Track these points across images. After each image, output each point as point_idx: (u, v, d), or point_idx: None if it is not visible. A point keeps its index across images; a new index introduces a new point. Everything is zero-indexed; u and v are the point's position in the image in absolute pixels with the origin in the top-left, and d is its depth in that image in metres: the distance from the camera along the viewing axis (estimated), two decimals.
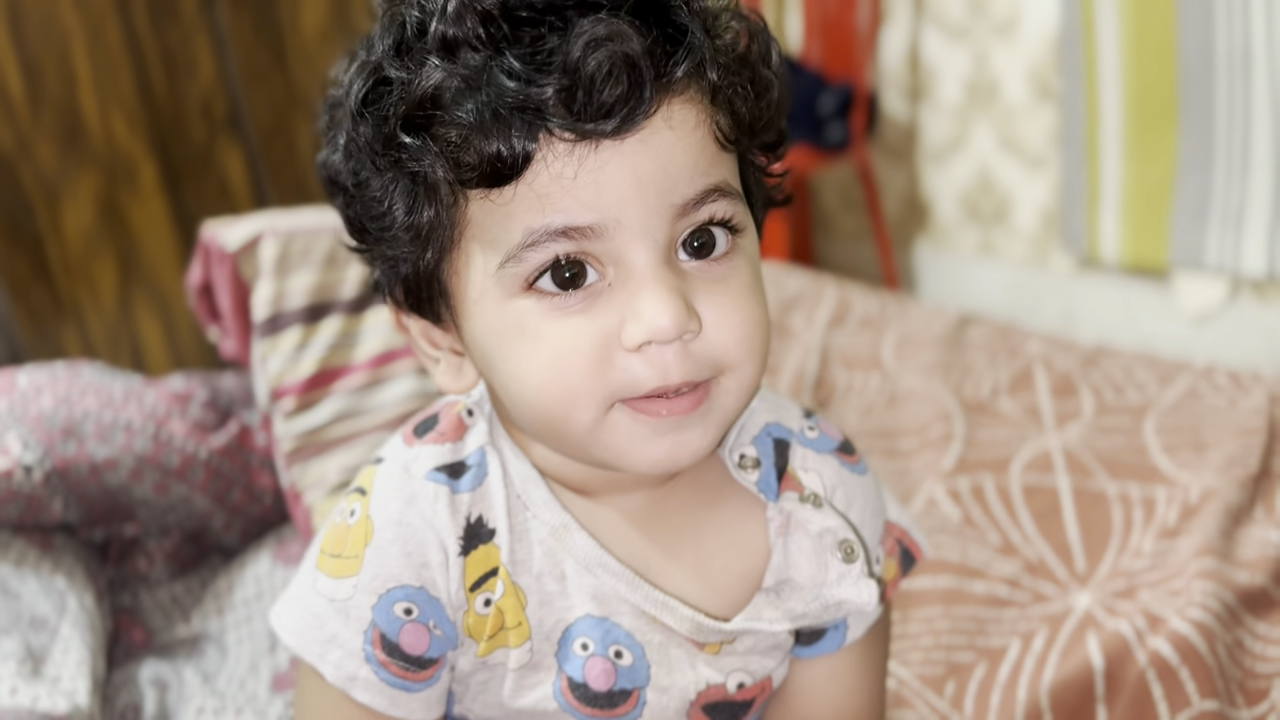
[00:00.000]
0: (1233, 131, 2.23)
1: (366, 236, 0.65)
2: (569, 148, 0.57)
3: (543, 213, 0.57)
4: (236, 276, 1.29)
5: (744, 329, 0.61)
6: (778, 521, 0.70)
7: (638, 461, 0.61)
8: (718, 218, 0.61)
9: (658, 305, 0.57)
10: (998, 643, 1.07)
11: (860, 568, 0.70)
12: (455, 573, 0.65)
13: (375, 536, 0.65)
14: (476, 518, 0.66)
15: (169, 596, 1.22)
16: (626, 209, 0.57)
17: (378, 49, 0.61)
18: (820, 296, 1.82)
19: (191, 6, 2.52)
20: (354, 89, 0.61)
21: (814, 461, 0.72)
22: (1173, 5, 2.22)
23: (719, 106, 0.60)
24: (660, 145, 0.58)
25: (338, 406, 1.22)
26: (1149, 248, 2.43)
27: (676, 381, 0.59)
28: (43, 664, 1.03)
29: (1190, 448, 1.31)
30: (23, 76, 2.34)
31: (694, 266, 0.61)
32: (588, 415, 0.60)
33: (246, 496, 1.25)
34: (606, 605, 0.67)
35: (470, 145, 0.56)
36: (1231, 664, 1.00)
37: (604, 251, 0.58)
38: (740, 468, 0.70)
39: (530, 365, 0.60)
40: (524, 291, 0.59)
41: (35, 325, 2.46)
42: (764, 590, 0.69)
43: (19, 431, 1.14)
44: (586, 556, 0.67)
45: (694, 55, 0.58)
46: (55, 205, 2.43)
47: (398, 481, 0.67)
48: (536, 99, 0.55)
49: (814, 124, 2.69)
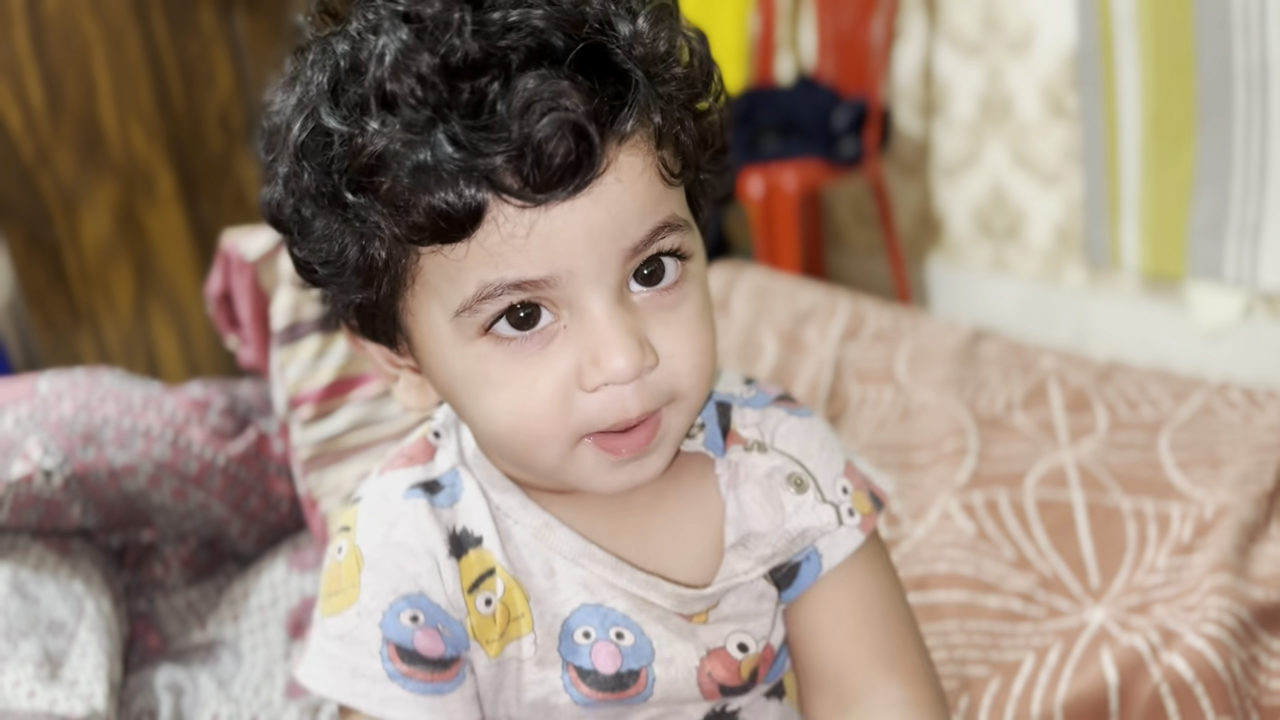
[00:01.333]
0: (1250, 145, 2.23)
1: (316, 277, 0.64)
2: (519, 210, 0.57)
3: (495, 268, 0.58)
4: (256, 285, 1.30)
5: (696, 358, 0.63)
6: (725, 476, 0.72)
7: (603, 488, 0.64)
8: (666, 249, 0.62)
9: (613, 348, 0.59)
10: (1012, 657, 1.07)
11: (813, 495, 0.71)
12: (449, 575, 0.66)
13: (365, 560, 0.66)
14: (461, 529, 0.68)
15: (185, 602, 1.23)
16: (578, 260, 0.58)
17: (312, 87, 0.59)
18: (834, 310, 1.82)
19: (210, 18, 2.55)
20: (293, 130, 0.60)
21: (753, 416, 0.74)
22: (1191, 19, 2.23)
23: (664, 145, 0.60)
24: (609, 198, 0.58)
25: (355, 415, 1.23)
26: (1167, 261, 2.43)
27: (636, 415, 0.61)
28: (60, 668, 1.04)
29: (1205, 464, 1.31)
30: (43, 87, 2.36)
31: (645, 296, 0.62)
32: (554, 453, 0.62)
33: (263, 504, 1.26)
34: (597, 593, 0.68)
35: (418, 207, 0.56)
36: (1247, 680, 1.00)
37: (558, 297, 0.59)
38: (689, 436, 0.72)
39: (495, 410, 0.62)
40: (480, 336, 0.60)
41: (52, 333, 2.47)
42: (730, 548, 0.71)
43: (39, 437, 1.15)
44: (572, 549, 0.68)
45: (639, 105, 0.58)
46: (73, 214, 2.45)
47: (378, 510, 0.68)
48: (484, 168, 0.55)
49: (827, 139, 2.70)
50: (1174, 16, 2.25)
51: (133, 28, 2.45)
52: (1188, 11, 2.23)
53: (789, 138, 2.73)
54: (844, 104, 2.71)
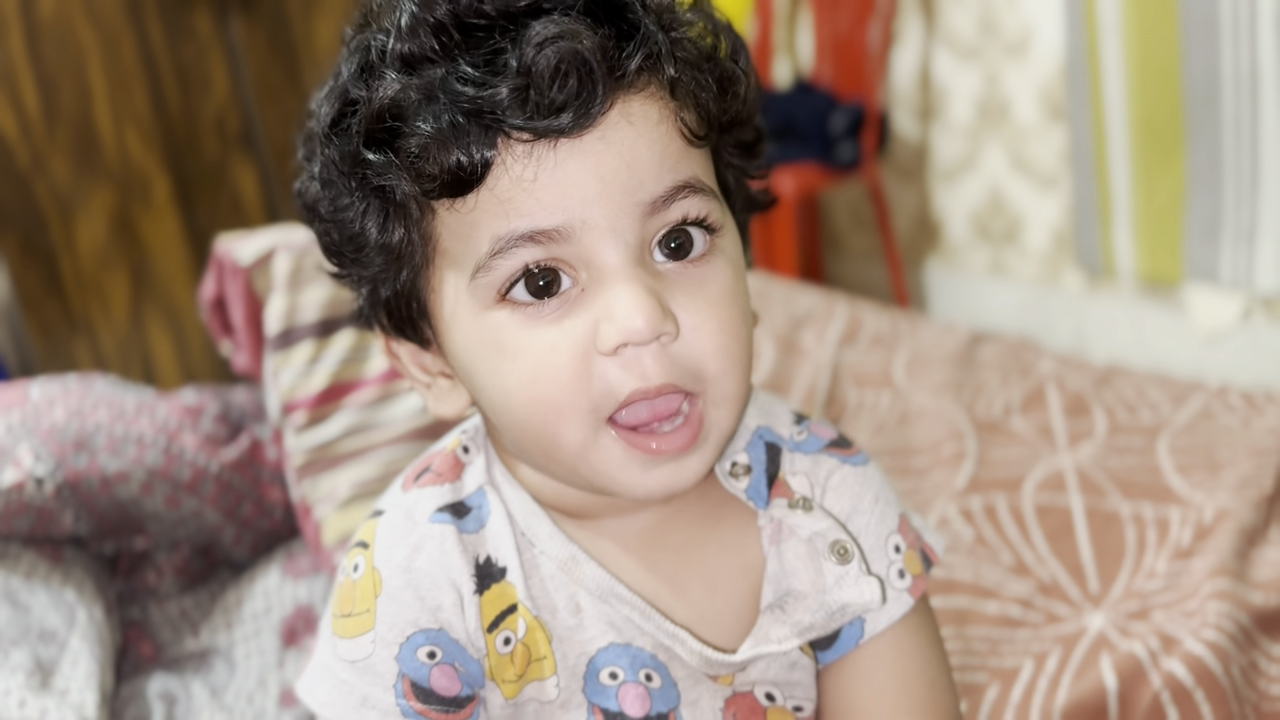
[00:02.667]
0: (1241, 151, 2.23)
1: (343, 260, 0.65)
2: (527, 149, 0.56)
3: (507, 218, 0.57)
4: (250, 290, 1.29)
5: (722, 337, 0.60)
6: (769, 529, 0.68)
7: (633, 489, 0.60)
8: (692, 216, 0.59)
9: (630, 305, 0.56)
10: (1011, 663, 1.06)
11: (857, 567, 0.67)
12: (471, 613, 0.64)
13: (384, 586, 0.64)
14: (485, 558, 0.65)
15: (178, 610, 1.22)
16: (592, 208, 0.57)
17: (344, 74, 0.61)
18: (831, 314, 1.81)
19: (206, 23, 2.54)
20: (323, 114, 0.62)
21: (802, 463, 0.69)
22: (1176, 28, 2.23)
23: (682, 101, 0.59)
24: (621, 142, 0.57)
25: (349, 421, 1.22)
26: (1163, 265, 2.43)
27: (656, 384, 0.58)
28: (51, 676, 1.03)
29: (1204, 468, 1.30)
30: (39, 93, 2.36)
31: (671, 268, 0.60)
32: (576, 433, 0.59)
33: (257, 510, 1.25)
34: (625, 632, 0.65)
35: (430, 155, 0.56)
36: (1246, 686, 0.99)
37: (574, 255, 0.57)
38: (732, 475, 0.68)
39: (511, 380, 0.59)
40: (498, 303, 0.59)
41: (48, 339, 2.47)
42: (767, 609, 0.67)
43: (31, 444, 1.14)
44: (599, 586, 0.65)
45: (648, 49, 0.57)
46: (69, 220, 2.44)
47: (402, 529, 0.65)
48: (490, 100, 0.55)
49: (825, 143, 2.69)
50: (1159, 24, 2.25)
51: (128, 33, 2.45)
52: (1173, 19, 2.23)
53: (786, 142, 2.72)
54: (841, 108, 2.71)
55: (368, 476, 1.19)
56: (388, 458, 1.20)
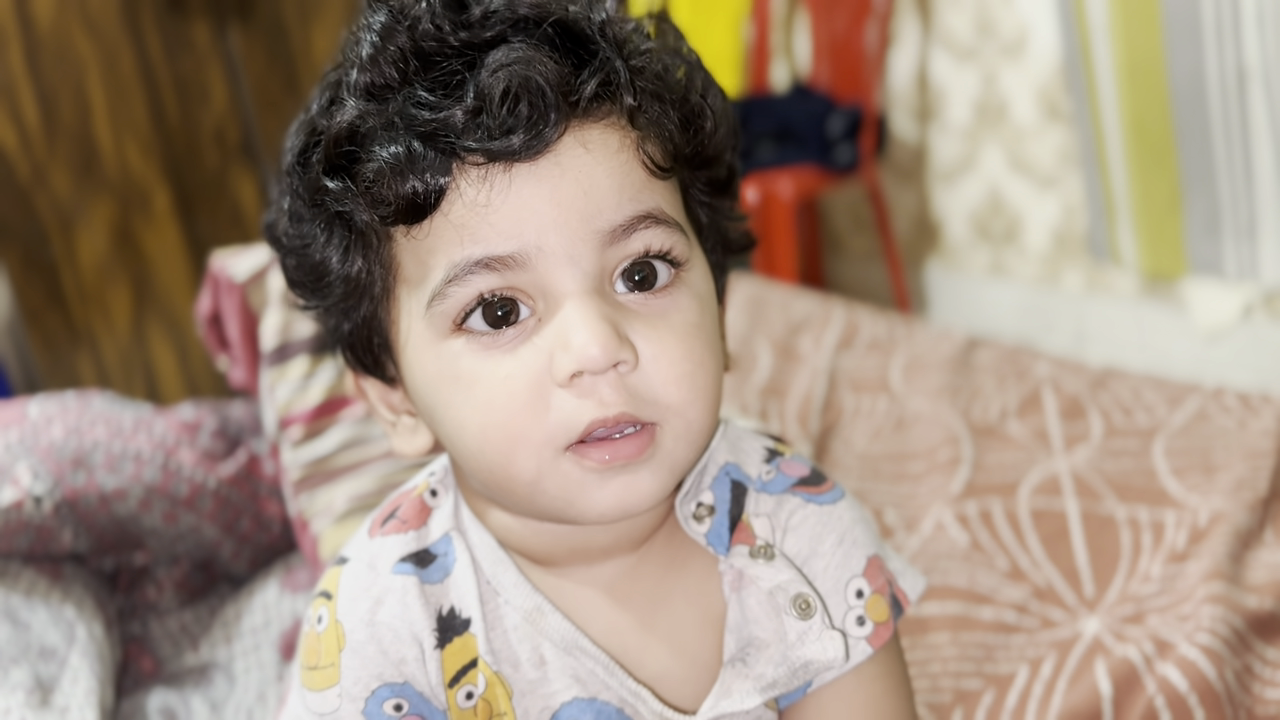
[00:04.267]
0: (1232, 149, 2.23)
1: (306, 291, 0.65)
2: (481, 173, 0.56)
3: (462, 245, 0.56)
4: (245, 306, 1.30)
5: (684, 366, 0.58)
6: (730, 576, 0.66)
7: (586, 509, 0.58)
8: (655, 249, 0.59)
9: (584, 332, 0.55)
10: (1006, 669, 1.07)
11: (820, 621, 0.65)
12: (433, 667, 0.63)
13: (348, 640, 0.63)
14: (449, 610, 0.64)
15: (178, 625, 1.23)
16: (547, 235, 0.56)
17: (313, 109, 0.62)
18: (828, 319, 1.82)
19: (204, 35, 2.55)
20: (291, 147, 0.62)
21: (766, 504, 0.67)
22: (1159, 31, 2.24)
23: (644, 131, 0.59)
24: (578, 168, 0.57)
25: (345, 435, 1.23)
26: (1166, 261, 2.43)
27: (614, 414, 0.56)
28: (51, 694, 1.03)
29: (1199, 470, 1.30)
30: (38, 106, 2.37)
31: (632, 299, 0.59)
32: (530, 463, 0.57)
33: (255, 525, 1.26)
34: (590, 686, 0.64)
35: (385, 180, 0.56)
36: (1241, 690, 0.99)
37: (531, 283, 0.57)
38: (695, 518, 0.66)
39: (466, 411, 0.58)
40: (454, 332, 0.58)
41: (50, 352, 2.48)
42: (730, 661, 0.65)
43: (29, 462, 1.15)
44: (563, 639, 0.64)
45: (604, 76, 0.57)
46: (70, 233, 2.45)
47: (364, 580, 0.65)
48: (444, 123, 0.55)
49: (823, 145, 2.69)
50: (1142, 27, 2.26)
51: (127, 46, 2.46)
52: (1156, 22, 2.23)
53: (784, 145, 2.73)
54: (839, 110, 2.71)
55: (364, 490, 1.19)
56: (384, 471, 1.20)
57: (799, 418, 1.55)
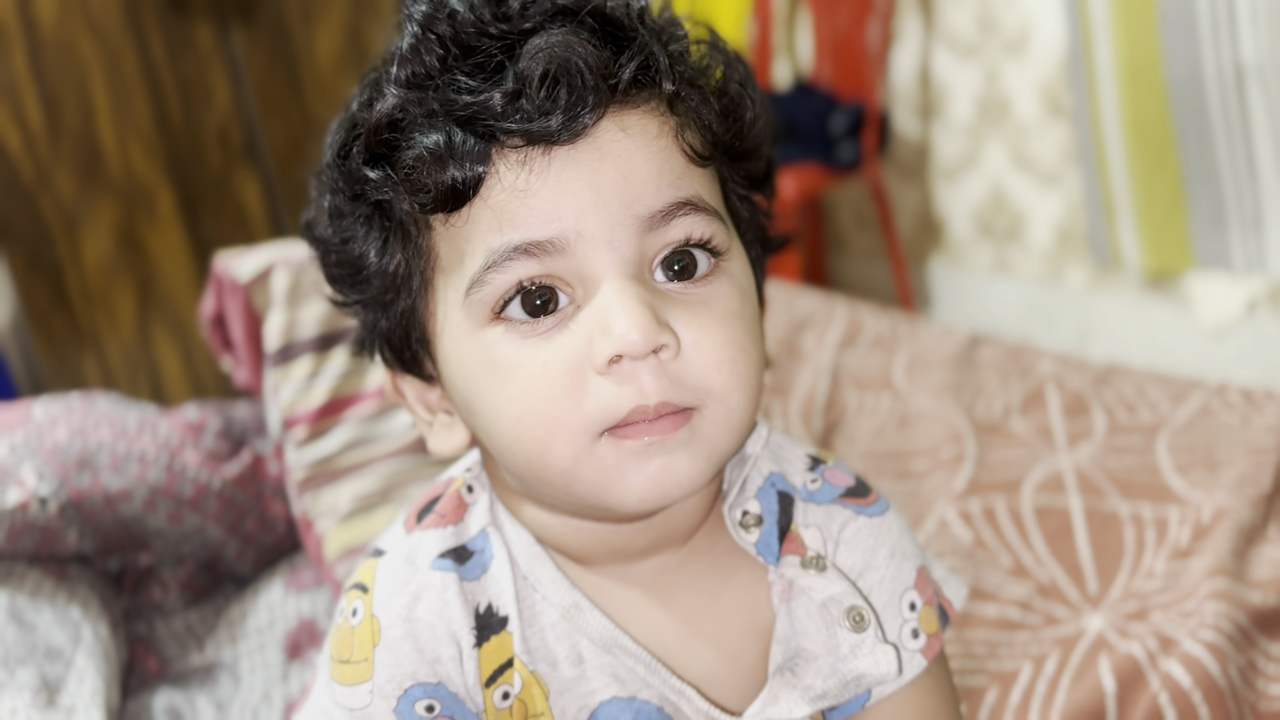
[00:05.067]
0: (1234, 148, 2.23)
1: (344, 286, 0.65)
2: (520, 156, 0.56)
3: (501, 230, 0.56)
4: (249, 307, 1.30)
5: (726, 351, 0.57)
6: (779, 586, 0.65)
7: (624, 495, 0.57)
8: (695, 237, 0.58)
9: (624, 316, 0.54)
10: (1010, 666, 1.07)
11: (873, 634, 0.64)
12: (470, 667, 0.62)
13: (383, 635, 0.62)
14: (486, 606, 0.63)
15: (183, 625, 1.23)
16: (586, 219, 0.56)
17: (353, 107, 0.62)
18: (831, 317, 1.82)
19: (207, 36, 2.55)
20: (331, 144, 0.63)
21: (816, 515, 0.67)
22: (1156, 28, 2.24)
23: (683, 118, 0.59)
24: (618, 152, 0.56)
25: (349, 435, 1.23)
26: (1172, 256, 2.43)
27: (655, 400, 0.55)
28: (57, 694, 1.04)
29: (1203, 467, 1.30)
30: (42, 108, 2.37)
31: (673, 288, 0.58)
32: (567, 449, 0.56)
33: (259, 525, 1.26)
34: (629, 684, 0.63)
35: (425, 166, 0.56)
36: (1244, 686, 0.99)
37: (569, 269, 0.56)
38: (742, 525, 0.66)
39: (503, 399, 0.57)
40: (492, 320, 0.58)
41: (55, 354, 2.48)
42: (777, 670, 0.65)
43: (34, 464, 1.15)
44: (603, 637, 0.63)
45: (643, 61, 0.57)
46: (74, 234, 2.46)
47: (402, 575, 0.64)
48: (483, 106, 0.55)
49: (826, 144, 2.69)
50: (1140, 24, 2.26)
51: (129, 47, 2.46)
52: (1152, 19, 2.23)
53: (787, 143, 2.72)
54: (841, 108, 2.71)
55: (368, 490, 1.20)
56: (387, 471, 1.21)
57: (802, 416, 1.55)
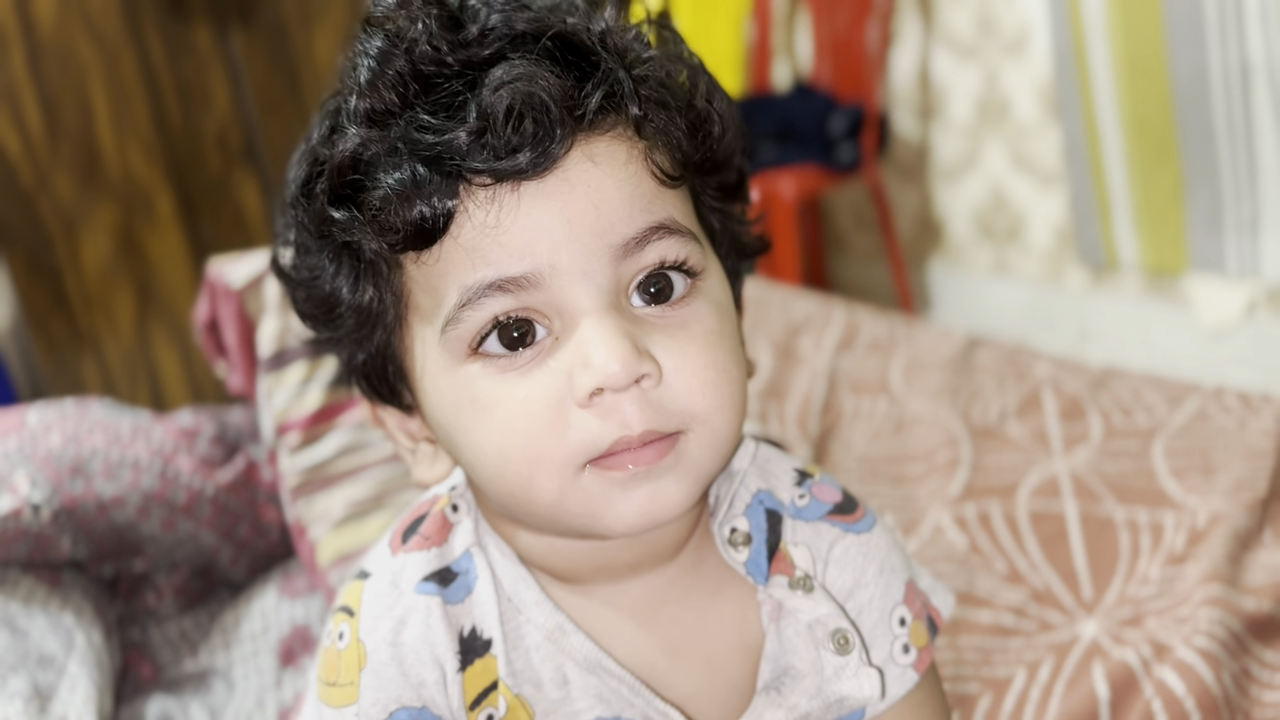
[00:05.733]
0: (1236, 145, 2.23)
1: (317, 324, 0.64)
2: (489, 194, 0.55)
3: (473, 268, 0.55)
4: (242, 313, 1.30)
5: (709, 373, 0.57)
6: (769, 606, 0.66)
7: (612, 522, 0.57)
8: (670, 259, 0.58)
9: (603, 349, 0.54)
10: (1003, 673, 1.06)
11: (857, 658, 0.65)
12: (455, 691, 0.62)
13: (369, 660, 0.62)
14: (470, 630, 0.63)
15: (177, 631, 1.23)
16: (560, 253, 0.55)
17: (314, 138, 0.61)
18: (828, 319, 1.81)
19: (206, 38, 2.56)
20: (294, 178, 0.62)
21: (804, 533, 0.67)
22: (1161, 29, 2.23)
23: (651, 140, 0.58)
24: (588, 183, 0.56)
25: (342, 441, 1.23)
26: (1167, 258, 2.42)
27: (639, 431, 0.55)
28: (49, 702, 1.04)
29: (1199, 471, 1.30)
30: (41, 111, 2.37)
31: (650, 312, 0.58)
32: (551, 483, 0.56)
33: (253, 531, 1.26)
34: (613, 705, 0.63)
35: (392, 206, 0.55)
36: (1238, 693, 0.99)
37: (546, 303, 0.56)
38: (730, 543, 0.66)
39: (485, 435, 0.57)
40: (470, 356, 0.57)
41: (54, 356, 2.48)
42: (764, 689, 0.65)
43: (27, 470, 1.15)
44: (587, 659, 0.63)
45: (609, 88, 0.56)
46: (73, 237, 2.46)
47: (387, 599, 0.63)
48: (449, 145, 0.54)
49: (825, 145, 2.69)
50: (1144, 23, 2.25)
51: (128, 50, 2.46)
52: (1157, 18, 2.23)
53: (786, 144, 2.72)
54: (841, 109, 2.71)
55: (361, 496, 1.20)
56: (381, 477, 1.21)
57: (798, 420, 1.54)
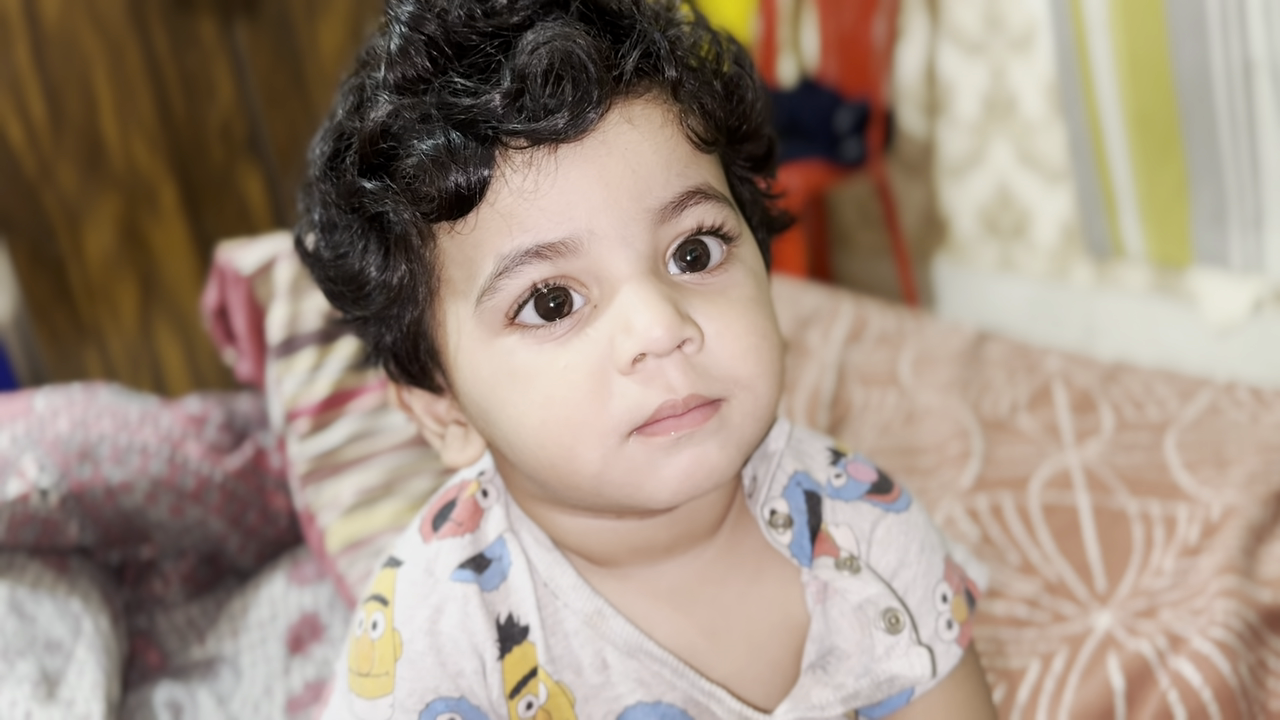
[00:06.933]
0: (1239, 143, 2.22)
1: (345, 304, 0.63)
2: (526, 158, 0.54)
3: (510, 234, 0.54)
4: (252, 299, 1.29)
5: (751, 339, 0.56)
6: (814, 587, 0.65)
7: (656, 489, 0.56)
8: (706, 224, 0.57)
9: (646, 313, 0.53)
10: (1017, 664, 1.06)
11: (908, 636, 0.64)
12: (494, 680, 0.61)
13: (405, 649, 0.61)
14: (507, 616, 0.62)
15: (185, 619, 1.22)
16: (598, 217, 0.54)
17: (339, 114, 0.60)
18: (837, 313, 1.81)
19: (211, 30, 2.55)
20: (319, 155, 0.60)
21: (845, 513, 0.66)
22: (1164, 26, 2.22)
23: (686, 104, 0.57)
24: (625, 146, 0.55)
25: (352, 428, 1.22)
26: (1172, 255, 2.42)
27: (684, 395, 0.54)
28: (57, 687, 1.03)
29: (1211, 464, 1.29)
30: (45, 101, 2.37)
31: (688, 279, 0.57)
32: (595, 453, 0.55)
33: (261, 519, 1.25)
34: (654, 689, 0.62)
35: (426, 173, 0.54)
36: (1255, 685, 0.98)
37: (583, 270, 0.55)
38: (771, 525, 0.65)
39: (525, 407, 0.56)
40: (507, 327, 0.56)
41: (57, 347, 2.48)
42: (809, 668, 0.64)
43: (35, 455, 1.15)
44: (627, 642, 0.62)
45: (644, 49, 0.55)
46: (77, 228, 2.45)
47: (423, 587, 0.62)
48: (484, 108, 0.53)
49: (831, 140, 2.68)
50: (1147, 23, 2.25)
51: (133, 40, 2.45)
52: (1160, 14, 2.22)
53: (792, 140, 2.71)
54: (847, 105, 2.70)
55: (371, 483, 1.19)
56: (391, 464, 1.20)
57: (807, 412, 1.54)
